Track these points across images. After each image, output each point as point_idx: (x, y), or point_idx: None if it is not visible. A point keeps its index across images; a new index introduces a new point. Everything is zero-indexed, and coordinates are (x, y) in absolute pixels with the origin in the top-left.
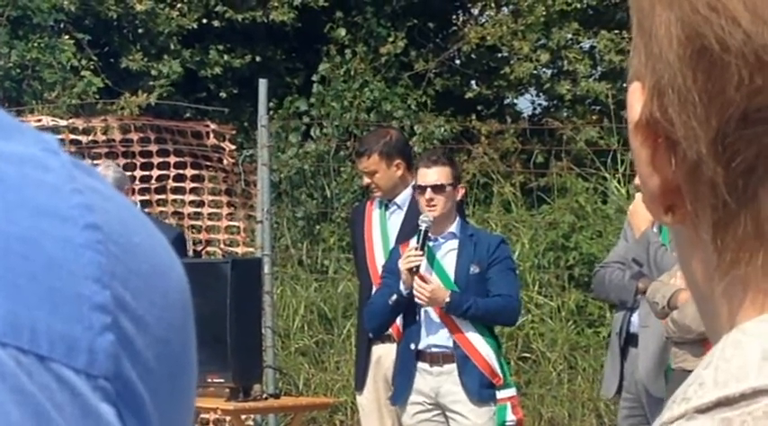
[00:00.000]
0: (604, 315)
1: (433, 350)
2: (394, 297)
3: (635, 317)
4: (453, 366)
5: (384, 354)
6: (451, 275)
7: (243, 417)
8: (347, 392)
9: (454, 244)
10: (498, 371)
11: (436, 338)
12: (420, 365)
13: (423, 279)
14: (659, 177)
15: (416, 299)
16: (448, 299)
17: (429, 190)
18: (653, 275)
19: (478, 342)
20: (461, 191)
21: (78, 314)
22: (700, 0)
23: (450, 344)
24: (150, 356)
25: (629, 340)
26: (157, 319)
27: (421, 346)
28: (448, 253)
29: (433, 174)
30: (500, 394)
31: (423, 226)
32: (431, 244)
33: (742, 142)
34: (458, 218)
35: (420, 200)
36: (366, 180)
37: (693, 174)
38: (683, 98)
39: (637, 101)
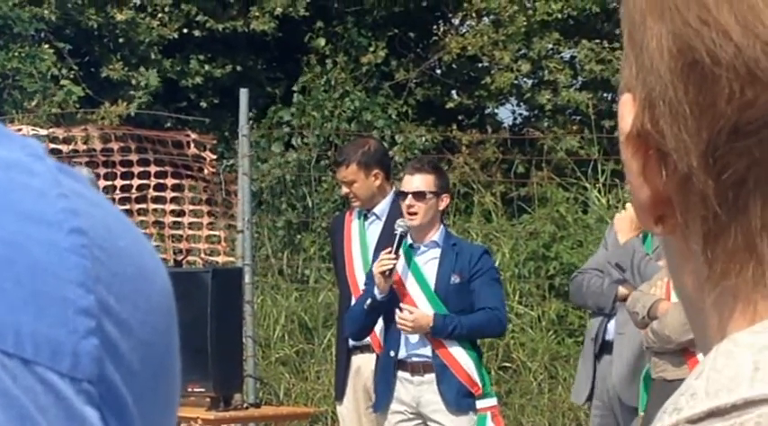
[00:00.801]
0: (585, 325)
1: (414, 359)
2: (369, 301)
3: (611, 324)
4: (433, 375)
5: (363, 364)
6: (432, 284)
7: None
8: (328, 401)
9: (436, 252)
10: (478, 381)
11: (416, 347)
12: (401, 374)
13: (400, 293)
14: (650, 188)
15: (401, 329)
16: (431, 324)
17: (410, 196)
18: (635, 282)
19: (458, 352)
20: (446, 201)
21: (63, 317)
22: (691, 13)
23: (430, 353)
24: (134, 359)
25: (604, 347)
26: (141, 323)
27: (401, 355)
28: (429, 262)
29: (414, 181)
30: (480, 404)
31: (398, 231)
32: (414, 253)
33: (732, 154)
34: (441, 227)
35: (402, 207)
36: (344, 189)
37: (684, 186)
38: (675, 110)
39: (628, 112)
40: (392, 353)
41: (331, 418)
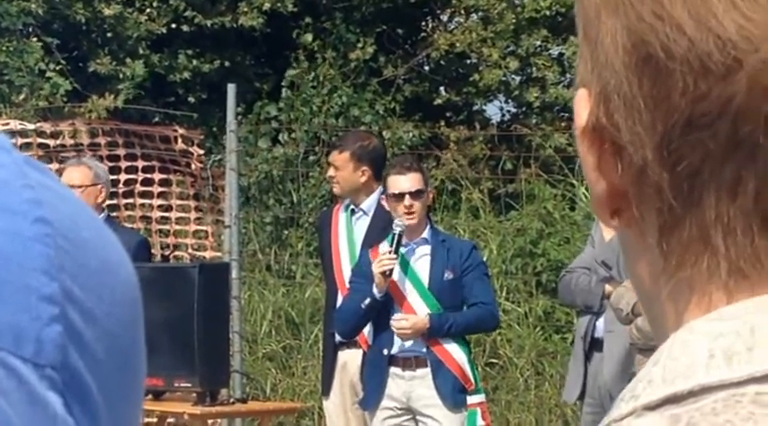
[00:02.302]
0: (572, 321)
1: (406, 354)
2: (367, 300)
3: (600, 322)
4: (426, 370)
5: (350, 359)
6: (425, 281)
7: (210, 422)
8: (314, 397)
9: (426, 249)
10: (471, 376)
11: (409, 342)
12: (392, 370)
13: (393, 291)
14: (606, 181)
15: (399, 337)
16: (428, 326)
17: (408, 196)
18: (622, 280)
19: (451, 347)
20: (431, 196)
21: (26, 304)
22: (645, 8)
23: (423, 349)
24: (98, 349)
25: (594, 344)
26: (106, 313)
27: (393, 350)
28: (420, 259)
29: (408, 181)
30: (470, 400)
31: (397, 230)
32: (403, 249)
33: (687, 147)
34: (428, 224)
35: (397, 208)
36: (331, 171)
37: (639, 179)
38: (629, 104)
39: (583, 108)
40: (385, 351)
41: (317, 413)
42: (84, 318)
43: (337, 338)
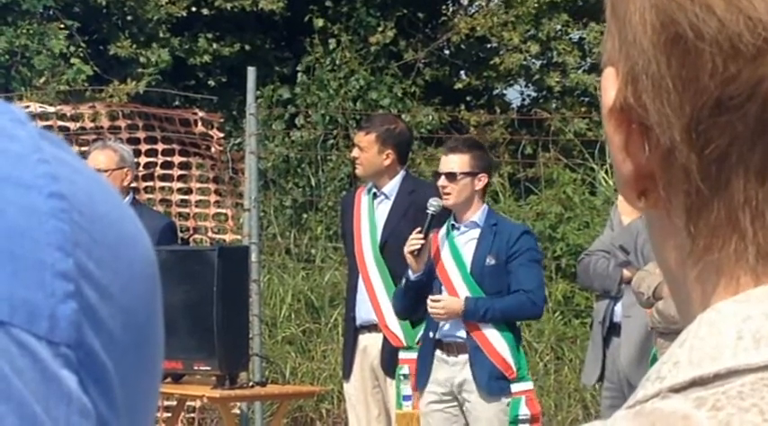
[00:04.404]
0: (591, 306)
1: (449, 339)
2: (403, 281)
3: (618, 307)
4: (466, 356)
5: (370, 343)
6: (468, 265)
7: (229, 405)
8: (334, 381)
9: (475, 233)
10: (512, 364)
11: (453, 328)
12: (438, 354)
13: (439, 274)
14: (632, 162)
15: (434, 317)
16: (463, 309)
17: (442, 177)
18: (639, 264)
19: (492, 334)
20: (484, 180)
21: (40, 281)
22: None
23: (464, 335)
24: (114, 325)
25: (612, 329)
26: (122, 289)
27: (439, 335)
28: (468, 243)
29: (447, 162)
30: (515, 388)
31: (429, 211)
32: (455, 234)
33: (715, 129)
34: (483, 207)
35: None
36: (355, 152)
37: (667, 160)
38: (657, 84)
39: (611, 86)
40: (431, 334)
41: (337, 397)
42: (100, 295)
43: (357, 322)
